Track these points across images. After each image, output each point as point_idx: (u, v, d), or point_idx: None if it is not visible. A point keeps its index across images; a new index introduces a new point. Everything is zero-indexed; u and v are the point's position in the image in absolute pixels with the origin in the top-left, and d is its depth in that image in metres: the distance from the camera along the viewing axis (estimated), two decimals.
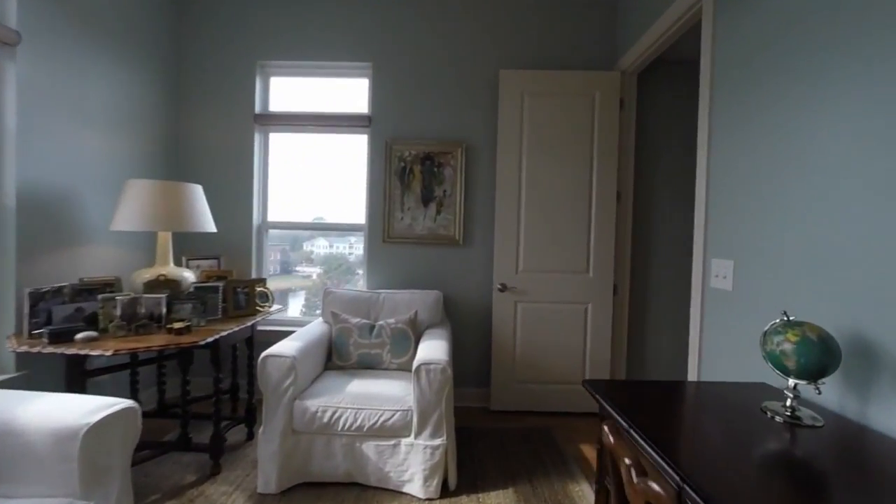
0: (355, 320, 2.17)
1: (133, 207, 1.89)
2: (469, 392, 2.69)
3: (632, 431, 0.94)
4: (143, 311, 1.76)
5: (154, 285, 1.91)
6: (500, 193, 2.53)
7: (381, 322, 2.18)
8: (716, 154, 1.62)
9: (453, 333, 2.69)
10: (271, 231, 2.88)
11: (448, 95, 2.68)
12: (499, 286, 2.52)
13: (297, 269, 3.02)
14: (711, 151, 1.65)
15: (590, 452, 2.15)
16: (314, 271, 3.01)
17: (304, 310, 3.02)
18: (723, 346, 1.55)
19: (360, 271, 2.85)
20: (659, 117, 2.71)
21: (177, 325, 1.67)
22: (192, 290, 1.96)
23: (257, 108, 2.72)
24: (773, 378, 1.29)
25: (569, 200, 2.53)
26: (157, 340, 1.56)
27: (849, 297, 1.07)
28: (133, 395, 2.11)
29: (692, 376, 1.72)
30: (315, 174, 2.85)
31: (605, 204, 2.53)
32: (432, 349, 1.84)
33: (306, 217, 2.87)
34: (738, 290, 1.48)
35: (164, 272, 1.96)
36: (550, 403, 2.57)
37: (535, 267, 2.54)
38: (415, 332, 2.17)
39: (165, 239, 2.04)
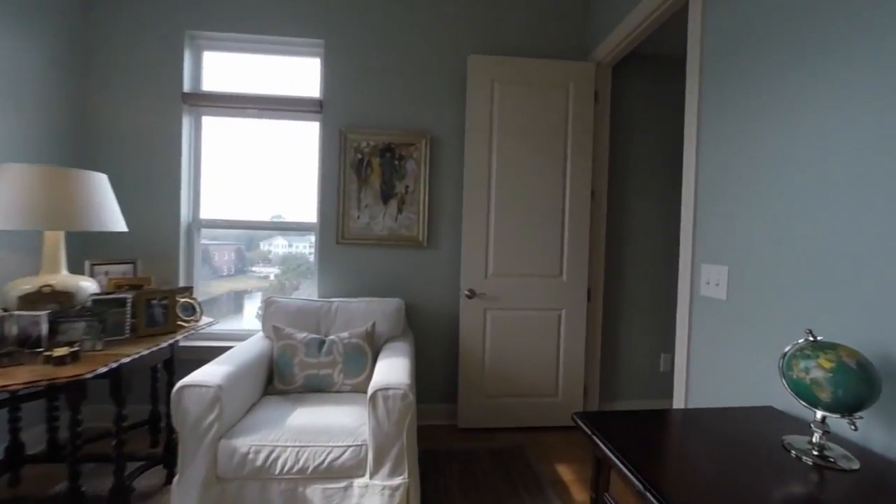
0: (302, 335, 1.85)
1: (7, 199, 1.48)
2: (435, 409, 2.44)
3: (649, 495, 0.73)
4: (12, 332, 1.36)
5: (35, 299, 1.50)
6: (468, 190, 2.30)
7: (332, 337, 1.88)
8: (705, 150, 1.47)
9: (417, 346, 2.43)
10: (223, 231, 2.49)
11: (411, 80, 2.41)
12: (467, 292, 2.30)
13: (254, 269, 2.66)
14: (700, 147, 1.50)
15: (566, 474, 1.97)
16: (272, 272, 2.66)
17: (259, 312, 2.65)
18: (716, 362, 1.40)
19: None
20: (633, 113, 2.59)
21: (58, 352, 1.29)
22: (88, 304, 1.57)
23: (186, 86, 2.32)
24: (778, 400, 1.14)
25: (542, 199, 2.35)
26: (22, 375, 1.17)
27: (874, 309, 0.93)
28: (13, 435, 1.68)
29: (679, 395, 1.57)
30: (262, 166, 2.48)
31: (579, 203, 2.37)
32: (392, 369, 1.58)
33: (254, 215, 2.49)
34: (734, 300, 1.33)
35: (50, 282, 1.56)
36: (522, 418, 2.38)
37: (505, 271, 2.34)
38: (372, 347, 1.89)
39: (54, 240, 1.63)
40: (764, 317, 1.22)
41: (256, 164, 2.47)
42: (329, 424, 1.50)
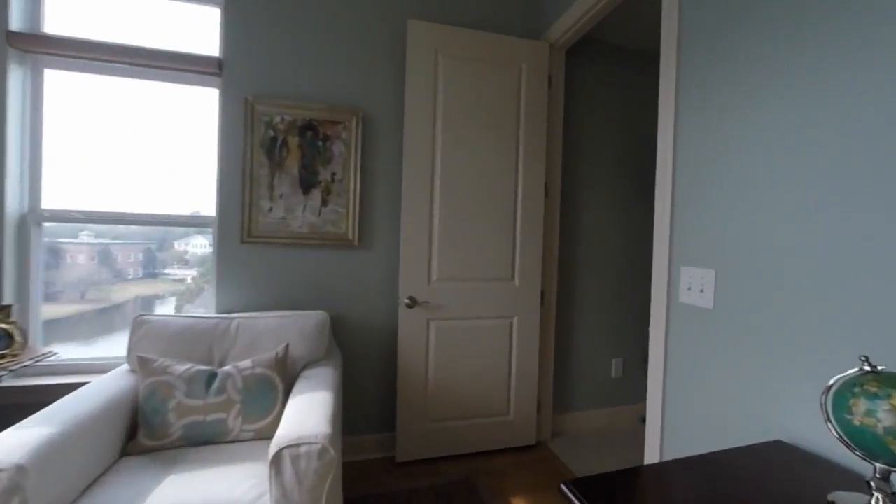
0: (182, 368, 1.36)
1: None
2: (368, 441, 2.05)
3: None
4: None
5: None
6: (408, 180, 1.94)
7: (228, 367, 1.41)
8: (684, 140, 1.28)
9: (347, 367, 2.02)
10: (131, 227, 1.87)
11: (340, 44, 1.99)
12: (407, 301, 1.94)
13: (167, 271, 2.09)
14: (679, 138, 1.30)
15: None
16: (190, 274, 2.10)
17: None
18: (700, 384, 1.20)
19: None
20: (588, 103, 2.42)
21: None
22: None
23: (14, 23, 1.67)
24: (787, 432, 0.94)
25: (492, 193, 2.07)
26: None
27: None
28: None
29: (653, 425, 1.37)
30: (142, 143, 1.89)
31: (532, 198, 2.13)
32: (307, 410, 1.17)
33: (131, 206, 1.88)
34: (723, 309, 1.14)
35: None
36: (471, 443, 2.08)
37: (452, 275, 2.02)
38: (285, 377, 1.46)
39: None
40: (763, 330, 1.03)
41: (134, 139, 1.88)
42: (212, 500, 1.05)
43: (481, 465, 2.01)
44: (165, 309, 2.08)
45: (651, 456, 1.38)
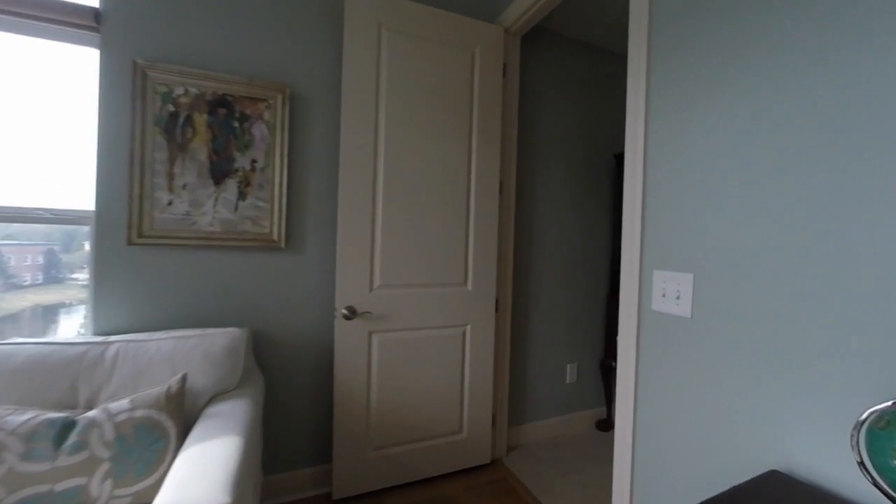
0: (21, 419, 0.98)
1: None
2: (300, 477, 1.74)
3: None
4: None
5: None
6: (346, 171, 1.67)
7: (95, 412, 1.05)
8: (657, 133, 1.15)
9: (273, 393, 1.70)
10: (30, 225, 1.35)
11: (265, 6, 1.66)
12: (345, 311, 1.66)
13: (74, 276, 1.65)
14: (651, 122, 1.18)
15: None
16: None
17: (81, 331, 1.56)
18: (676, 403, 1.07)
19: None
20: (543, 95, 2.29)
21: None
22: None
23: None
24: (783, 460, 0.82)
25: (443, 188, 1.86)
26: None
27: None
28: None
29: (622, 448, 1.22)
30: None
31: (487, 195, 1.95)
32: (201, 466, 0.87)
33: None
34: (703, 317, 1.01)
35: None
36: (420, 469, 1.85)
37: (397, 280, 1.78)
38: (180, 418, 1.13)
39: None
40: (750, 341, 0.91)
41: None
42: None
43: (432, 494, 1.79)
44: (72, 318, 1.62)
45: (620, 487, 1.24)
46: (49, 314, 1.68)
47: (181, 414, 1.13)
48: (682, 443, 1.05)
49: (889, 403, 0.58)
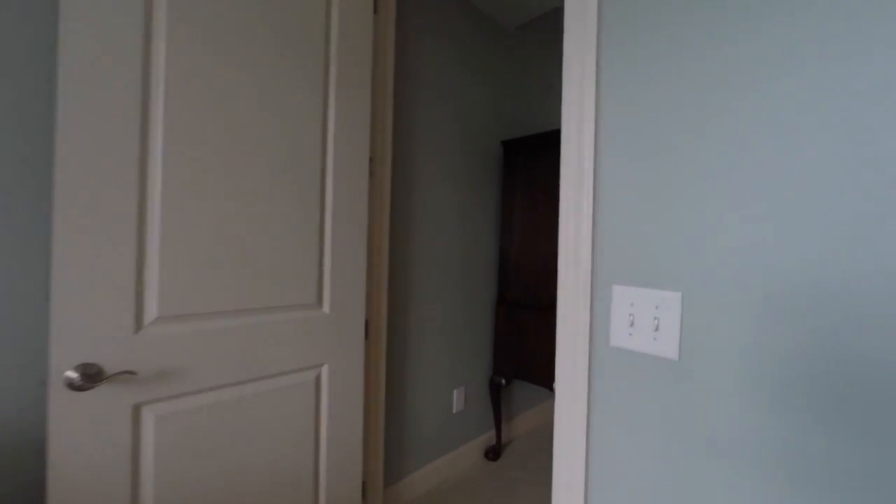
0: None
1: None
2: None
3: None
4: None
5: None
6: (77, 103, 0.86)
7: None
8: (619, 84, 0.76)
9: None
10: None
11: None
12: (72, 375, 0.86)
13: None
14: (603, 82, 0.78)
15: None
16: None
17: None
18: (652, 496, 0.69)
19: None
20: (427, 50, 1.80)
21: None
22: None
23: None
24: None
25: (283, 163, 1.19)
26: None
27: None
28: None
29: None
30: None
31: (351, 177, 1.36)
32: None
33: None
34: (699, 361, 0.65)
35: None
36: None
37: (196, 306, 1.04)
38: None
39: None
40: (797, 408, 0.57)
41: None
42: None
43: None
44: None
45: None
46: None
47: None
48: None
49: None
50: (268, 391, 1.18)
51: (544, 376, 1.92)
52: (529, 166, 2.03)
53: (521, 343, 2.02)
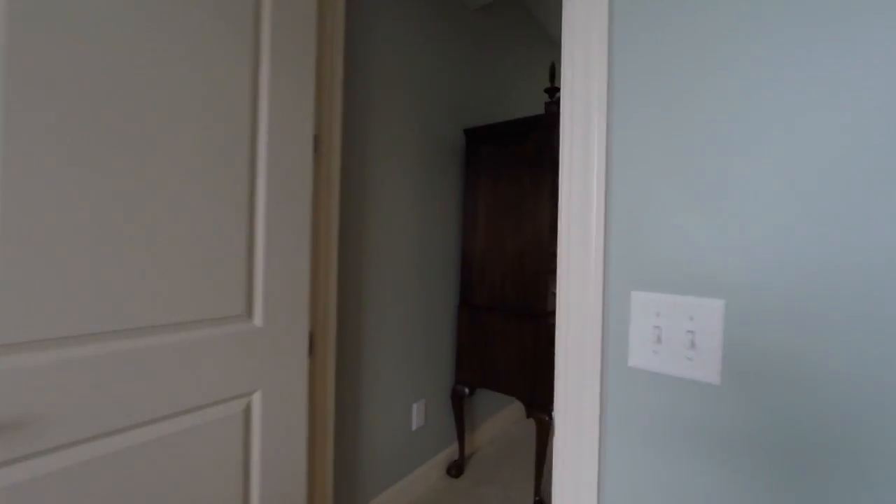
0: None
1: None
2: None
3: None
4: None
5: None
6: None
7: None
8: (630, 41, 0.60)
9: None
10: None
11: None
12: None
13: None
14: (617, 42, 0.62)
15: None
16: None
17: None
18: None
19: None
20: (375, 22, 1.57)
21: None
22: None
23: None
24: None
25: (201, 131, 0.91)
26: None
27: None
28: None
29: None
30: None
31: (290, 155, 1.11)
32: None
33: None
34: (746, 389, 0.51)
35: None
36: None
37: (61, 328, 0.75)
38: None
39: None
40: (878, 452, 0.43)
41: None
42: None
43: None
44: None
45: None
46: None
47: None
48: None
49: None
50: (177, 433, 0.90)
51: (512, 384, 1.78)
52: (495, 158, 1.88)
53: (486, 350, 1.86)
